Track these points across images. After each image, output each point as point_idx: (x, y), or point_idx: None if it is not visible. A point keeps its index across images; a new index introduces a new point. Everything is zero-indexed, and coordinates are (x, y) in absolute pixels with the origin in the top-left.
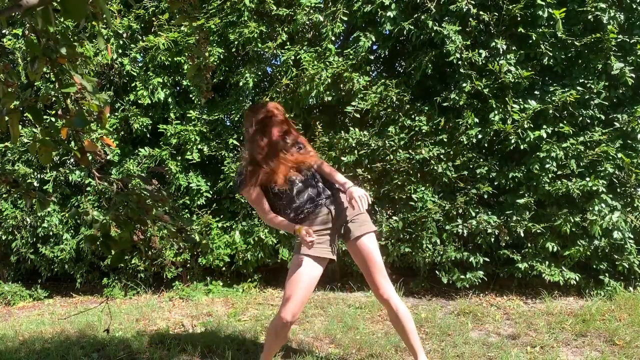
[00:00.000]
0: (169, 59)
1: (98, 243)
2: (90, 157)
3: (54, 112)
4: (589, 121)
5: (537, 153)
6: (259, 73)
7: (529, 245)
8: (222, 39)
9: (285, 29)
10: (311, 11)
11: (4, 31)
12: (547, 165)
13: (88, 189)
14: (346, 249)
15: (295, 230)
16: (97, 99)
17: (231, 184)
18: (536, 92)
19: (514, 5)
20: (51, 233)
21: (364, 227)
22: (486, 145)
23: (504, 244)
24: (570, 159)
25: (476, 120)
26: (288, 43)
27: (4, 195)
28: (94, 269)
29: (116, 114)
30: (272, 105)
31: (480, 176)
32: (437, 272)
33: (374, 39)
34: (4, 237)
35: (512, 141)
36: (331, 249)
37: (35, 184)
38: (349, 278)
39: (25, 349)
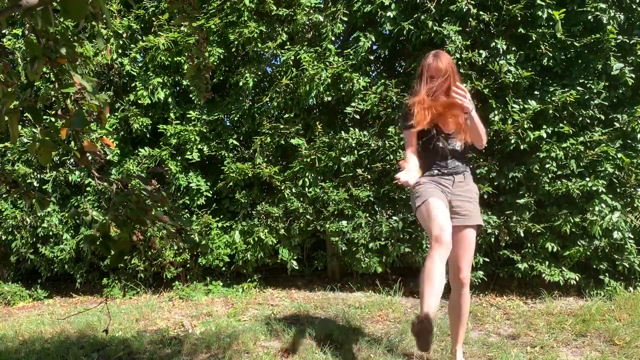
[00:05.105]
0: (169, 59)
1: (97, 243)
2: (89, 158)
3: (53, 112)
4: (588, 121)
5: (537, 153)
6: (259, 73)
7: (529, 245)
8: (222, 39)
9: (285, 29)
10: (311, 11)
11: (4, 31)
12: (547, 166)
13: (88, 189)
14: (345, 251)
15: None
16: (96, 99)
17: (231, 184)
18: (536, 93)
19: (514, 5)
20: (51, 233)
21: (470, 219)
22: (486, 145)
23: (504, 244)
24: (570, 159)
25: None
26: (288, 43)
27: (4, 195)
28: (93, 269)
29: (116, 114)
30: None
31: (480, 176)
32: None
33: (374, 39)
34: (4, 237)
35: (512, 141)
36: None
37: (35, 184)
38: (348, 278)
39: (25, 349)
